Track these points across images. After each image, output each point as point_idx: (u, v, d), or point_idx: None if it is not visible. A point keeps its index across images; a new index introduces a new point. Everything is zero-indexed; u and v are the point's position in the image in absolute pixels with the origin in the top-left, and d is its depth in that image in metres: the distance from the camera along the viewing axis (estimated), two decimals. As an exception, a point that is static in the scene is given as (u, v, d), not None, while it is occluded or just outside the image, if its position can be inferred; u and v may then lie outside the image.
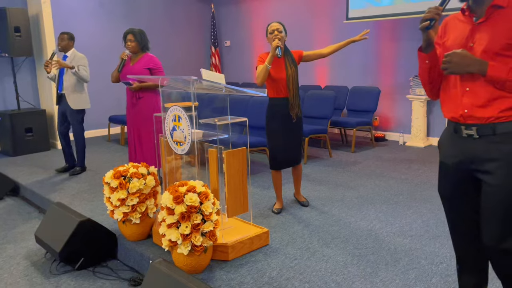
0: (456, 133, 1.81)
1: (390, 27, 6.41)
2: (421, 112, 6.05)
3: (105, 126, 7.41)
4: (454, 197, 1.89)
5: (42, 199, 4.29)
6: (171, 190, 2.56)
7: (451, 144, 1.85)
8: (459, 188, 1.86)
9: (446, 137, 1.90)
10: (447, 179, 1.90)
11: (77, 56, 4.87)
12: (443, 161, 1.90)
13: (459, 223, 1.92)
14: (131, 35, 4.07)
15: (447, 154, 1.87)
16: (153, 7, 8.10)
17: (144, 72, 4.04)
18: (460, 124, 1.78)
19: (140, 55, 4.12)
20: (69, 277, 2.93)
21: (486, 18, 1.72)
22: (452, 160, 1.84)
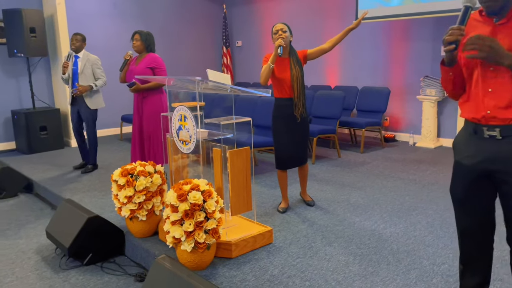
0: (476, 134, 1.79)
1: (400, 27, 6.38)
2: (431, 112, 6.01)
3: (118, 125, 7.53)
4: (467, 197, 1.88)
5: (54, 196, 4.40)
6: (176, 188, 2.62)
7: (470, 144, 1.83)
8: (473, 189, 1.85)
9: (463, 137, 1.87)
10: (461, 179, 1.88)
11: (90, 57, 4.99)
12: (459, 161, 1.88)
13: (468, 223, 1.92)
14: (137, 35, 4.18)
15: (464, 154, 1.85)
16: (165, 8, 8.20)
17: (146, 72, 4.12)
18: (481, 125, 1.76)
19: (144, 56, 4.21)
20: (77, 272, 3.01)
21: (507, 20, 1.72)
22: (469, 160, 1.82)
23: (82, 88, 4.89)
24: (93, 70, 4.99)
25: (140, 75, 4.07)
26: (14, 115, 6.44)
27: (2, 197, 4.69)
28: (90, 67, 4.97)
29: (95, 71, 4.99)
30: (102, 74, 5.03)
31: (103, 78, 5.02)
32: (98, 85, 4.97)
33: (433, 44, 6.07)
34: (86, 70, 4.95)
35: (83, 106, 5.00)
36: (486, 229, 1.90)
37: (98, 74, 5.01)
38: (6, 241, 3.58)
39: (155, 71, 4.17)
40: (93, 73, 5.00)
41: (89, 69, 4.97)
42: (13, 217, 4.12)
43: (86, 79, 4.95)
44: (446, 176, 4.60)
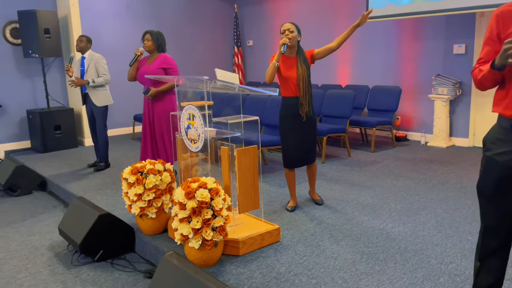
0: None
1: (411, 26, 6.34)
2: (443, 112, 5.96)
3: (130, 124, 7.63)
4: (497, 194, 1.86)
5: (67, 193, 4.48)
6: (184, 186, 2.65)
7: (506, 141, 1.80)
8: (504, 186, 1.83)
9: (497, 133, 1.84)
10: (493, 176, 1.86)
11: (95, 56, 5.08)
12: (492, 157, 1.85)
13: (495, 220, 1.90)
14: (148, 35, 4.21)
15: (498, 150, 1.82)
16: (177, 9, 8.27)
17: (159, 72, 4.16)
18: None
19: (155, 55, 4.25)
20: (88, 268, 3.07)
21: None
22: (503, 157, 1.80)
23: (77, 81, 4.97)
24: (96, 68, 5.07)
25: (152, 74, 4.11)
26: (29, 115, 6.57)
27: (17, 195, 4.79)
28: (94, 66, 5.05)
29: (98, 69, 5.07)
30: (104, 72, 5.10)
31: (104, 76, 5.08)
32: (96, 81, 5.02)
33: (445, 42, 6.02)
34: (91, 69, 5.04)
35: (92, 104, 5.09)
36: (510, 227, 1.88)
37: (100, 72, 5.08)
38: (20, 237, 3.66)
39: (167, 72, 4.21)
40: (96, 71, 5.07)
41: (93, 68, 5.05)
42: (27, 214, 4.21)
43: (90, 77, 5.04)
44: (457, 175, 4.56)
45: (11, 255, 3.33)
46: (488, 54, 1.85)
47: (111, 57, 6.50)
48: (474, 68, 1.90)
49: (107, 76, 5.12)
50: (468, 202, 3.74)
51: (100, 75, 5.08)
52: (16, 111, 6.69)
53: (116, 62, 7.11)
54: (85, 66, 5.05)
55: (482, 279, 1.99)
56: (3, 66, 6.52)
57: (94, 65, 5.06)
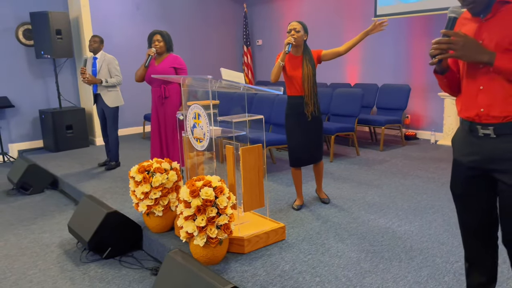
0: (471, 132, 1.77)
1: (420, 24, 6.28)
2: (453, 110, 5.90)
3: (140, 124, 7.71)
4: (466, 195, 1.87)
5: (78, 192, 4.55)
6: (189, 184, 2.69)
7: (466, 143, 1.81)
8: (471, 187, 1.83)
9: (460, 136, 1.86)
10: (459, 177, 1.87)
11: (107, 57, 5.14)
12: (457, 159, 1.87)
13: (469, 221, 1.90)
14: (158, 36, 4.16)
15: (461, 153, 1.84)
16: (187, 9, 8.32)
17: (170, 71, 4.17)
18: (475, 124, 1.74)
19: (165, 56, 4.25)
20: (97, 265, 3.12)
21: (493, 14, 1.69)
22: (466, 159, 1.81)
23: (91, 78, 5.03)
24: (109, 69, 5.14)
25: (162, 74, 4.11)
26: (42, 115, 6.68)
27: (29, 193, 4.88)
28: (106, 66, 5.12)
29: (110, 70, 5.14)
30: (117, 73, 5.17)
31: (117, 78, 5.16)
32: (109, 81, 5.09)
33: (455, 40, 5.95)
34: (103, 70, 5.10)
35: (104, 104, 5.16)
36: (487, 227, 1.87)
37: (113, 73, 5.15)
38: (31, 235, 3.74)
39: (178, 72, 4.22)
40: (109, 72, 5.14)
41: (105, 68, 5.12)
42: (38, 212, 4.29)
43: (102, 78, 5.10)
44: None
45: (22, 252, 3.40)
46: (450, 60, 1.87)
47: (121, 57, 6.57)
48: None
49: (120, 77, 5.20)
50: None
51: (112, 76, 5.15)
52: (28, 111, 6.81)
53: (126, 62, 7.19)
54: (97, 67, 5.12)
55: (473, 279, 1.98)
56: (16, 66, 6.64)
57: (106, 66, 5.13)
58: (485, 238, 1.89)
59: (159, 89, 4.19)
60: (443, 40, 1.62)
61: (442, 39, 1.63)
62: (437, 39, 1.64)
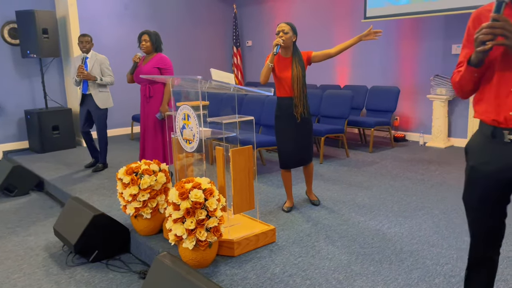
0: (494, 138, 1.65)
1: (409, 26, 6.32)
2: (442, 112, 5.94)
3: (128, 124, 7.61)
4: (483, 206, 1.75)
5: (64, 194, 4.47)
6: (178, 186, 2.64)
7: (487, 149, 1.69)
8: (489, 197, 1.72)
9: (480, 141, 1.72)
10: (476, 186, 1.75)
11: (98, 57, 5.07)
12: (475, 167, 1.73)
13: (483, 230, 1.80)
14: (146, 36, 4.21)
15: (480, 160, 1.70)
16: (176, 9, 8.26)
17: (153, 71, 4.16)
18: (501, 129, 1.62)
19: (152, 56, 4.26)
20: (83, 268, 3.06)
21: None
22: (486, 167, 1.68)
23: (87, 73, 4.94)
24: (101, 70, 5.06)
25: (147, 74, 4.12)
26: (27, 115, 6.56)
27: (14, 195, 4.78)
28: (98, 66, 5.04)
29: (103, 70, 5.07)
30: (110, 73, 5.11)
31: (111, 77, 5.09)
32: (104, 80, 5.02)
33: (443, 42, 6.00)
34: (95, 70, 5.02)
35: (93, 106, 5.08)
36: (496, 236, 1.81)
37: (105, 73, 5.08)
38: (16, 238, 3.65)
39: (162, 72, 4.21)
40: (101, 72, 5.07)
41: (98, 68, 5.04)
42: (23, 215, 4.20)
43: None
44: (455, 176, 4.54)
45: (6, 255, 3.32)
46: (467, 57, 1.74)
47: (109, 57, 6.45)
48: (453, 74, 1.80)
49: (113, 77, 5.14)
50: (465, 203, 3.72)
51: (105, 76, 5.08)
52: (14, 111, 6.68)
53: (115, 62, 7.08)
54: (89, 67, 5.03)
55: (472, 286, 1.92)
56: (1, 66, 6.51)
57: (99, 66, 5.05)
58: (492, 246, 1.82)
59: (144, 88, 4.23)
60: (497, 24, 1.47)
61: (496, 23, 1.48)
62: (489, 23, 1.49)
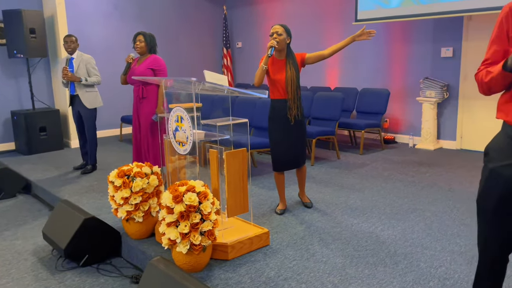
0: None
1: (400, 29, 6.37)
2: (431, 114, 5.99)
3: (117, 126, 7.53)
4: (500, 209, 1.69)
5: (52, 196, 4.39)
6: (171, 190, 2.61)
7: (510, 151, 1.64)
8: (507, 202, 1.67)
9: (503, 143, 1.68)
10: (496, 189, 1.68)
11: (84, 57, 5.00)
12: (495, 169, 1.68)
13: (497, 235, 1.74)
14: (141, 36, 4.20)
15: (503, 162, 1.65)
16: (166, 9, 8.20)
17: (147, 72, 4.13)
18: None
19: (145, 57, 4.23)
20: (73, 273, 3.00)
21: None
22: (509, 169, 1.63)
23: (71, 75, 4.88)
24: (87, 69, 4.99)
25: (140, 75, 4.10)
26: (14, 116, 6.44)
27: (0, 198, 4.68)
28: (84, 66, 4.98)
29: (89, 70, 5.00)
30: (96, 73, 5.03)
31: (97, 77, 5.02)
32: (89, 80, 4.94)
33: (432, 45, 6.06)
34: (81, 70, 4.95)
35: (82, 106, 5.01)
36: (510, 243, 1.74)
37: (91, 73, 5.01)
38: (3, 242, 3.57)
39: (156, 73, 4.19)
40: (87, 72, 5.00)
41: (83, 68, 4.97)
42: (11, 218, 4.11)
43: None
44: (445, 178, 4.58)
45: (-7, 260, 3.24)
46: (496, 54, 1.67)
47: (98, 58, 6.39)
48: (479, 70, 1.72)
49: (99, 77, 5.06)
50: (456, 205, 3.75)
51: (91, 76, 5.01)
52: (0, 112, 6.55)
53: (103, 61, 7.02)
54: (74, 67, 4.96)
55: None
56: (-13, 66, 6.39)
57: (84, 66, 4.98)
58: (503, 254, 1.77)
59: (138, 89, 4.18)
60: None
61: None
62: None
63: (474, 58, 5.69)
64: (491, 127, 5.57)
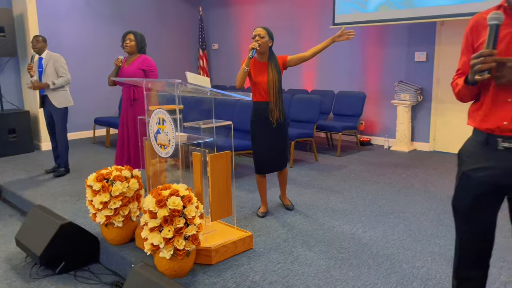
0: (487, 144, 1.67)
1: (375, 33, 6.48)
2: (405, 117, 6.11)
3: (90, 127, 7.32)
4: (473, 211, 1.75)
5: (24, 201, 4.22)
6: (154, 194, 2.54)
7: (480, 155, 1.71)
8: (479, 203, 1.73)
9: (473, 147, 1.75)
10: (468, 192, 1.75)
11: (53, 56, 4.85)
12: (467, 172, 1.75)
13: (470, 238, 1.80)
14: (131, 35, 4.14)
15: (473, 166, 1.72)
16: (140, 9, 8.06)
17: (137, 73, 4.05)
18: (495, 136, 1.65)
19: (135, 56, 4.15)
20: (49, 281, 2.89)
21: None
22: (479, 173, 1.70)
23: (36, 84, 4.75)
24: (55, 68, 4.84)
25: (131, 76, 4.01)
26: (-19, 117, 6.18)
27: (-32, 203, 4.47)
28: (52, 65, 4.82)
29: (57, 69, 4.84)
30: (65, 72, 4.87)
31: (65, 77, 4.86)
32: (56, 83, 4.79)
33: (407, 49, 6.19)
34: (49, 69, 4.81)
35: (52, 106, 4.85)
36: (487, 245, 1.79)
37: (60, 72, 4.85)
38: (-28, 249, 3.40)
39: (146, 73, 4.11)
40: (56, 71, 4.84)
41: (52, 67, 4.82)
42: (-21, 224, 3.93)
43: (49, 78, 4.82)
44: (421, 180, 4.67)
45: (-38, 269, 3.08)
46: (465, 65, 1.76)
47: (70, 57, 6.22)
48: (453, 80, 1.82)
49: (68, 76, 4.89)
50: (433, 206, 3.83)
51: (60, 75, 4.85)
52: (-35, 113, 6.28)
53: (75, 62, 6.83)
54: (43, 67, 4.81)
55: None
56: (-48, 65, 6.11)
57: (53, 65, 4.82)
58: (481, 256, 1.81)
59: (128, 90, 4.08)
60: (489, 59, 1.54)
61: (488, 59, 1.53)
62: (485, 51, 1.54)
63: (447, 62, 5.84)
64: (463, 130, 5.72)
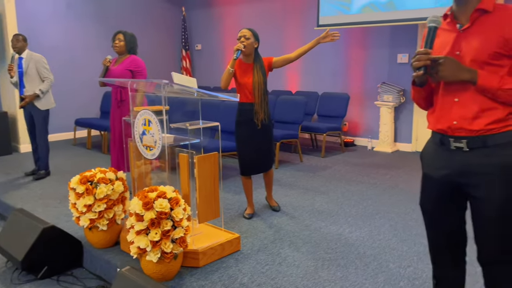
0: (443, 145, 1.71)
1: (359, 35, 6.54)
2: (388, 118, 6.19)
3: (70, 129, 7.17)
4: (437, 211, 1.80)
5: (3, 204, 4.11)
6: (141, 196, 2.50)
7: (437, 156, 1.75)
8: (442, 202, 1.77)
9: (430, 148, 1.80)
10: (430, 192, 1.80)
11: (34, 56, 4.74)
12: (427, 173, 1.80)
13: (439, 237, 1.83)
14: (121, 35, 4.09)
15: (432, 166, 1.78)
16: (123, 9, 7.95)
17: (125, 74, 3.99)
18: (447, 136, 1.68)
19: (125, 57, 4.09)
20: (31, 286, 2.81)
21: (471, 24, 1.63)
22: (437, 172, 1.74)
23: (28, 99, 4.67)
24: (37, 70, 4.72)
25: (118, 76, 3.95)
26: (-44, 119, 5.99)
27: None
28: (34, 66, 4.71)
29: (40, 70, 4.73)
30: (47, 73, 4.77)
31: (48, 79, 4.76)
32: (43, 89, 4.70)
33: (390, 51, 6.26)
34: (30, 70, 4.69)
35: (34, 108, 4.74)
36: (457, 243, 1.82)
37: (43, 73, 4.74)
38: (-52, 255, 3.29)
39: (134, 74, 4.06)
40: (38, 72, 4.73)
41: (34, 68, 4.71)
42: (-44, 229, 3.80)
43: (32, 79, 4.71)
44: (405, 180, 4.73)
45: None
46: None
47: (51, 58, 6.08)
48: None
49: (51, 77, 4.78)
50: (417, 206, 3.87)
51: (42, 77, 4.73)
52: None
53: (56, 63, 6.69)
54: (24, 67, 4.69)
55: None
56: None
57: (34, 66, 4.70)
58: (454, 254, 1.84)
59: (115, 91, 4.04)
60: (423, 57, 1.59)
61: (423, 56, 1.59)
62: (420, 50, 1.60)
63: (428, 64, 5.93)
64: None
